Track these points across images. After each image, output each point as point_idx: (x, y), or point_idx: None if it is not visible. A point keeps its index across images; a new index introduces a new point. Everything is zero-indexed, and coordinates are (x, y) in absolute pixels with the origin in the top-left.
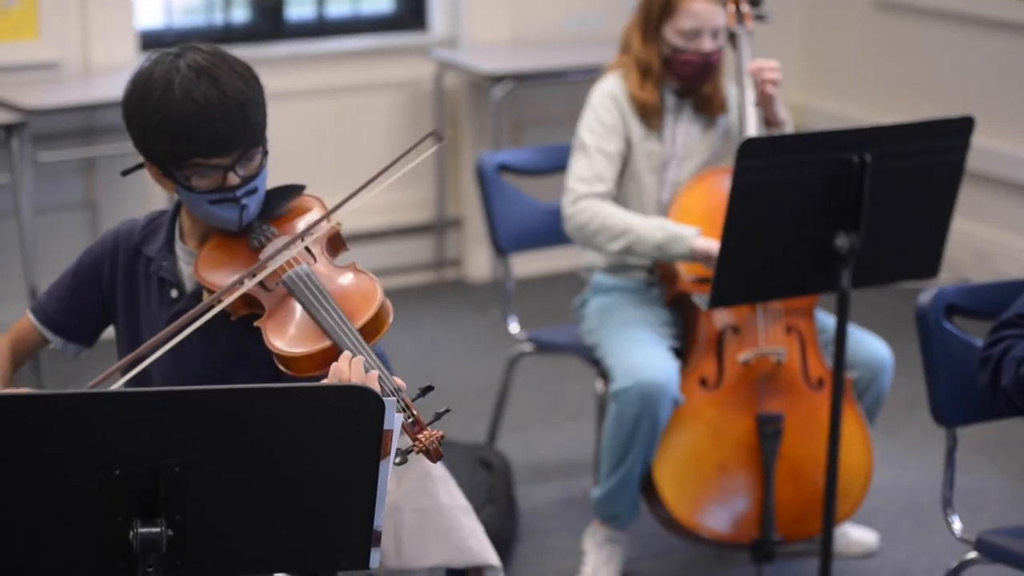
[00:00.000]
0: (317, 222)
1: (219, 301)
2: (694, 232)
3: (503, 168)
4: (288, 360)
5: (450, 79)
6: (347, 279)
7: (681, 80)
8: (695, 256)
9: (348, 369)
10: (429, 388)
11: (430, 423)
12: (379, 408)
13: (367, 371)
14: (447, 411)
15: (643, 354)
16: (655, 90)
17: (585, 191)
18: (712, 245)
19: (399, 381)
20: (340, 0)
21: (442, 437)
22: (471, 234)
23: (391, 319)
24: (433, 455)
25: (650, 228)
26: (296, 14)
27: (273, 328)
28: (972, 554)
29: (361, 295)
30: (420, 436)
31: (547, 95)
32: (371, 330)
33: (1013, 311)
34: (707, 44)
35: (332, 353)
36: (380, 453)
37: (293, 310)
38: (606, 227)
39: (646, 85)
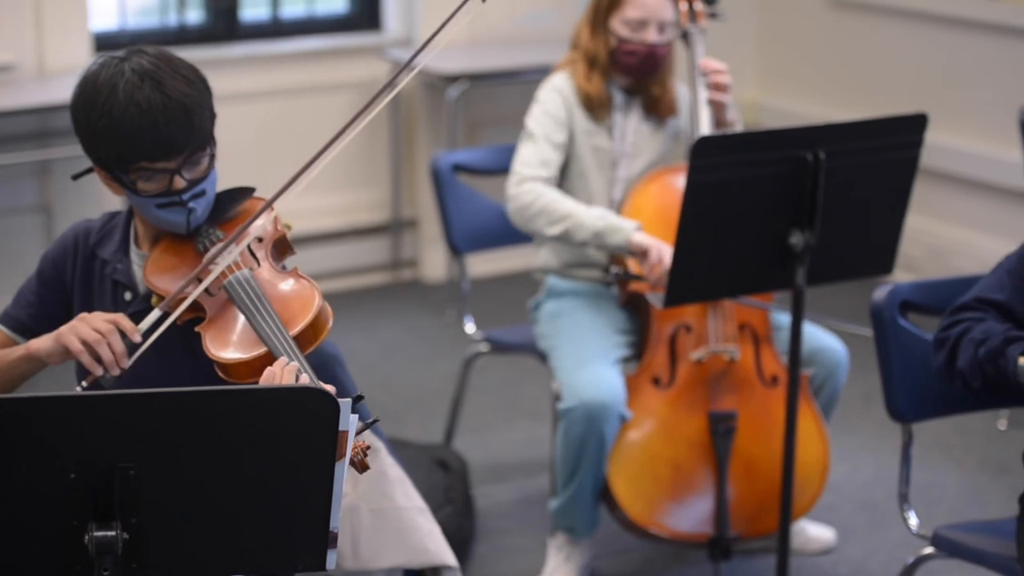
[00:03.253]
0: (259, 213)
1: (170, 311)
2: (634, 226)
3: (458, 168)
4: (225, 367)
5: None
6: (287, 285)
7: (626, 72)
8: (631, 249)
9: (280, 374)
10: (359, 398)
11: (357, 432)
12: (334, 409)
13: (298, 378)
14: (375, 421)
15: (589, 372)
16: (601, 82)
17: (530, 174)
18: (650, 241)
19: (329, 388)
20: (294, 1)
21: (367, 448)
22: (427, 234)
23: (330, 324)
24: (358, 466)
25: (591, 216)
26: (250, 15)
27: (212, 334)
28: (928, 549)
29: (299, 302)
30: None
31: (502, 95)
32: (308, 337)
33: (971, 295)
34: (653, 36)
35: (268, 360)
36: (335, 454)
37: (234, 316)
38: (548, 210)
39: (592, 77)
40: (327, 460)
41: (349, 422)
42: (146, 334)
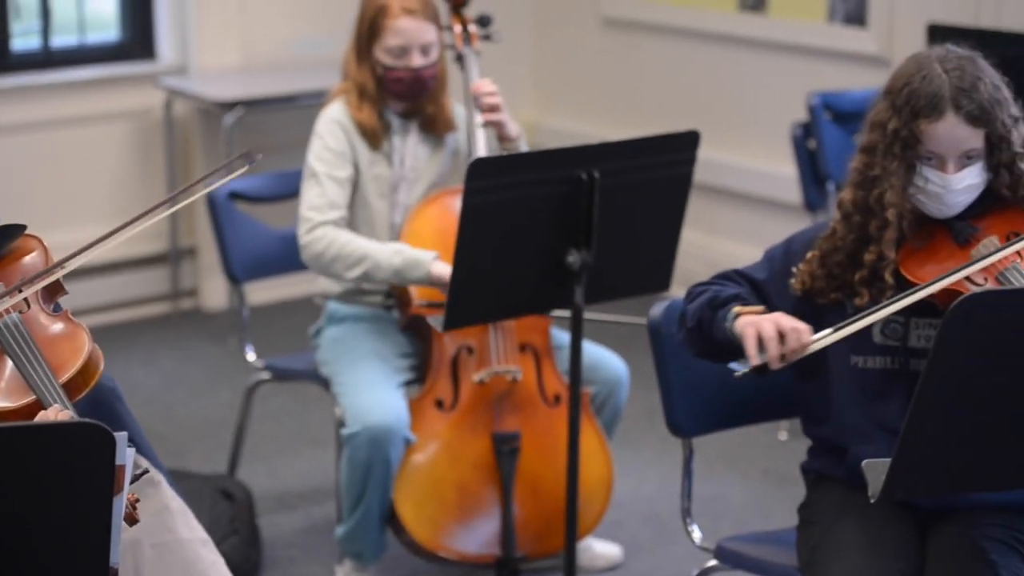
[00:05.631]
0: (43, 274)
1: None
2: (432, 256)
3: (235, 196)
4: None
5: (180, 107)
6: (57, 328)
7: (396, 98)
8: (433, 281)
9: (55, 420)
10: (145, 471)
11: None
12: (110, 443)
13: None
14: (145, 472)
15: (372, 396)
16: (373, 111)
17: (320, 219)
18: (449, 270)
19: None
20: (66, 30)
21: (136, 500)
22: (206, 263)
23: (101, 369)
24: (127, 519)
25: (388, 254)
26: (21, 45)
27: None
28: (712, 562)
29: (69, 347)
30: None
31: (279, 121)
32: (78, 383)
33: (733, 269)
34: (416, 60)
35: (37, 408)
36: (113, 489)
37: (3, 361)
38: (343, 255)
39: (363, 107)
40: (105, 496)
41: (126, 456)
42: None
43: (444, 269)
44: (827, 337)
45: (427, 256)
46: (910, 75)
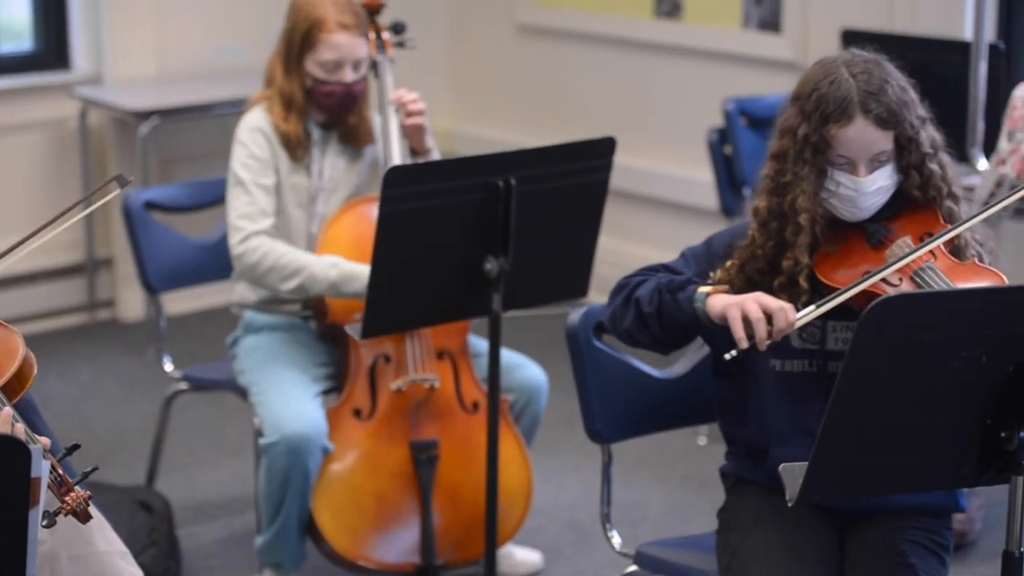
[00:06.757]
0: None
1: None
2: (367, 269)
3: (151, 206)
4: None
5: (95, 117)
6: None
7: (325, 111)
8: None
9: None
10: (75, 447)
11: (77, 482)
12: (25, 455)
13: (13, 427)
14: (95, 469)
15: (290, 405)
16: (298, 122)
17: (253, 228)
18: None
19: (44, 440)
20: None
21: (89, 497)
22: (123, 273)
23: (35, 372)
24: (81, 516)
25: (324, 267)
26: None
27: None
28: (632, 568)
29: (3, 351)
30: (67, 498)
31: (194, 130)
32: (15, 387)
33: (658, 264)
34: (349, 75)
35: None
36: (29, 502)
37: None
38: (279, 266)
39: (289, 117)
40: (20, 508)
41: (42, 468)
42: None
43: None
44: (811, 313)
45: (363, 270)
46: (817, 80)
